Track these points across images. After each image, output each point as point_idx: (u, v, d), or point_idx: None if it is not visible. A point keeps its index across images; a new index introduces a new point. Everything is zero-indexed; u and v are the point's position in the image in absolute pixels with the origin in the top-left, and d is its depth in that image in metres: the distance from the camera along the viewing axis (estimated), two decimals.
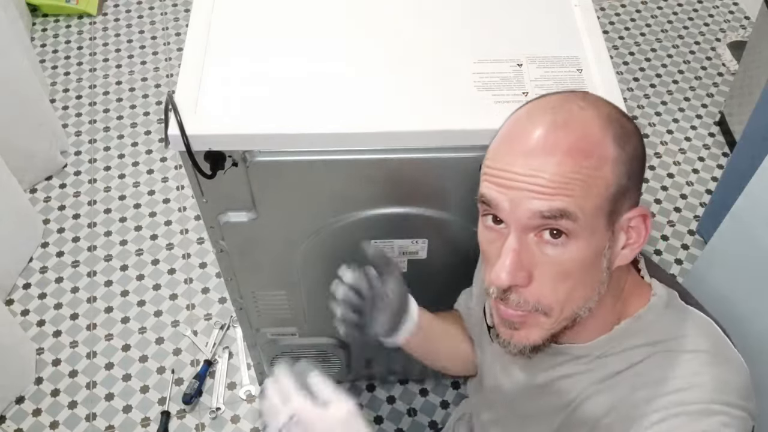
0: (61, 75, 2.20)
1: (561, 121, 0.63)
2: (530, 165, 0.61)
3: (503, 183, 0.63)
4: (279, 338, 1.31)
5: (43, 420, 1.51)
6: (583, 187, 0.60)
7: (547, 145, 0.61)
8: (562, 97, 0.66)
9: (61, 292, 1.71)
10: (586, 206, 0.61)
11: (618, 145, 0.62)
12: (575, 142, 0.61)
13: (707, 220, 1.78)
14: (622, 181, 0.63)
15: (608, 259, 0.65)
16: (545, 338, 0.68)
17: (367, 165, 0.91)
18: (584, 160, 0.61)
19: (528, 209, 0.61)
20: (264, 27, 0.99)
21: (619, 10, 2.42)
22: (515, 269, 0.63)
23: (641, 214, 0.65)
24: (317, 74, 0.93)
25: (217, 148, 0.88)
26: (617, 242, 0.65)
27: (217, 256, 1.09)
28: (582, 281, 0.64)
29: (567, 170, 0.60)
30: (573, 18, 1.01)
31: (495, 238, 0.65)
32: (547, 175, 0.60)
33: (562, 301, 0.64)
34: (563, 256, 0.62)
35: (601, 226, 0.63)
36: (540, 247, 0.63)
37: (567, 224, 0.61)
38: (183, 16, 2.38)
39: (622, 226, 0.65)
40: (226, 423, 1.51)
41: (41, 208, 1.87)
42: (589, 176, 0.61)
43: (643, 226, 0.66)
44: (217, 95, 0.90)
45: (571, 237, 0.62)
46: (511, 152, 0.63)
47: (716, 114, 2.09)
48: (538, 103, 0.67)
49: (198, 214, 1.85)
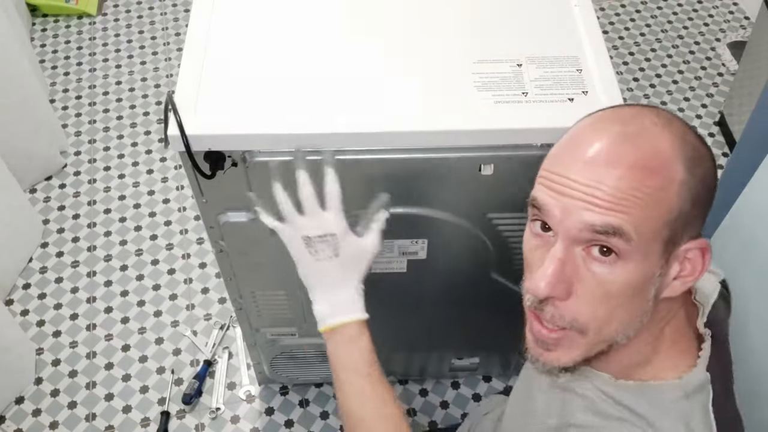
0: (60, 75, 2.20)
1: (630, 133, 0.59)
2: (590, 174, 0.57)
3: (558, 188, 0.59)
4: (279, 338, 1.31)
5: (43, 420, 1.51)
6: (642, 207, 0.56)
7: (611, 157, 0.57)
8: (635, 110, 0.62)
9: (61, 293, 1.71)
10: (643, 228, 0.57)
11: (687, 168, 0.58)
12: (642, 157, 0.57)
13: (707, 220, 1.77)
14: (686, 207, 0.58)
15: (657, 288, 0.61)
16: (577, 361, 0.63)
17: (367, 165, 0.91)
18: (649, 178, 0.57)
19: (579, 220, 0.57)
20: (264, 27, 0.99)
21: (619, 10, 2.42)
22: (556, 280, 0.59)
23: (700, 247, 0.61)
24: (317, 74, 0.93)
25: (217, 148, 0.88)
26: (669, 272, 0.61)
27: (217, 256, 1.09)
28: (624, 306, 0.60)
29: (628, 186, 0.56)
30: (573, 18, 1.01)
31: (540, 245, 0.62)
32: (606, 187, 0.57)
33: (600, 321, 0.60)
34: (609, 277, 0.58)
35: (655, 252, 0.58)
36: (586, 262, 0.59)
37: (619, 243, 0.57)
38: (183, 16, 2.38)
39: (677, 255, 0.60)
40: (225, 423, 1.51)
41: (41, 208, 1.87)
42: (652, 196, 0.57)
43: (700, 260, 0.61)
44: (217, 95, 0.90)
45: (621, 257, 0.58)
46: (571, 158, 0.60)
47: (716, 114, 2.09)
48: (609, 112, 0.63)
49: (198, 214, 1.85)
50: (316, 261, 0.78)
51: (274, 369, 1.43)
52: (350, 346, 0.79)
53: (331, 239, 0.76)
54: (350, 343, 0.79)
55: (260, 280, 1.14)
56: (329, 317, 0.79)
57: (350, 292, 0.79)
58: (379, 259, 1.09)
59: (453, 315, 1.26)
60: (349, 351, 0.79)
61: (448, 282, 1.16)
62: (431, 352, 1.45)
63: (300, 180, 0.77)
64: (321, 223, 0.76)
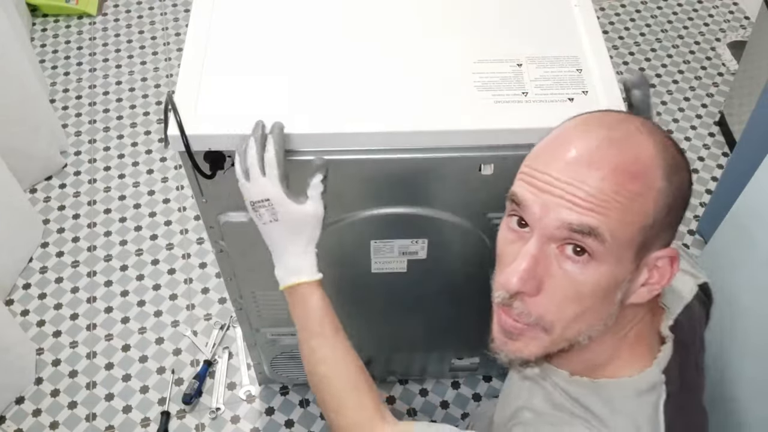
0: (60, 75, 2.20)
1: (615, 138, 0.60)
2: (572, 173, 0.58)
3: (538, 185, 0.60)
4: (279, 338, 1.31)
5: (43, 420, 1.51)
6: (620, 211, 0.57)
7: (594, 158, 0.58)
8: (620, 116, 0.63)
9: (61, 293, 1.71)
10: (618, 232, 0.58)
11: (666, 175, 0.59)
12: (625, 162, 0.58)
13: (707, 220, 1.78)
14: (661, 215, 0.59)
15: (624, 293, 0.62)
16: (539, 355, 0.64)
17: (367, 165, 0.91)
18: (629, 182, 0.58)
19: (558, 218, 0.58)
20: (264, 27, 0.99)
21: (619, 10, 2.42)
22: (528, 276, 0.60)
23: (670, 255, 0.62)
24: (317, 74, 0.93)
25: (217, 148, 0.88)
26: (638, 278, 0.62)
27: (217, 256, 1.09)
28: (591, 307, 0.61)
29: (609, 188, 0.57)
30: (573, 18, 1.01)
31: (515, 240, 0.63)
32: (587, 187, 0.57)
33: (565, 320, 0.61)
34: (580, 277, 0.59)
35: (627, 257, 0.59)
36: (559, 260, 0.60)
37: (593, 244, 0.58)
38: (183, 16, 2.38)
39: (648, 262, 0.61)
40: (225, 423, 1.51)
41: (41, 208, 1.87)
42: (631, 201, 0.58)
43: (669, 269, 0.62)
44: (217, 95, 0.90)
45: (594, 259, 0.59)
46: (554, 156, 0.60)
47: (716, 114, 2.09)
48: (594, 116, 0.64)
49: (198, 214, 1.85)
50: (262, 224, 0.81)
51: (275, 369, 1.43)
52: (301, 306, 0.82)
53: (267, 204, 0.79)
54: (301, 304, 0.82)
55: (260, 279, 1.14)
56: (283, 279, 0.83)
57: (298, 255, 0.82)
58: (379, 259, 1.09)
59: (453, 315, 1.26)
60: (301, 311, 0.82)
61: (448, 282, 1.16)
62: (431, 352, 1.45)
63: (248, 146, 0.80)
64: (259, 189, 0.79)
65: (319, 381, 0.82)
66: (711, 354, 1.16)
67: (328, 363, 0.81)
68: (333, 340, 0.82)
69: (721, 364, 1.14)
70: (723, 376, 1.13)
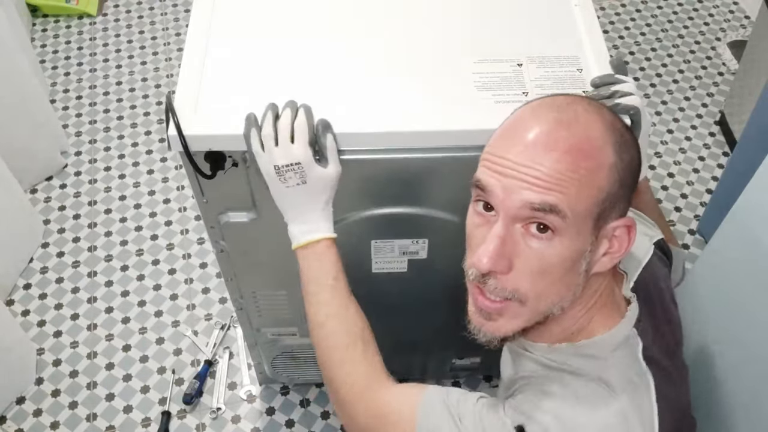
0: (61, 75, 2.20)
1: (566, 120, 0.64)
2: (529, 156, 0.63)
3: (499, 170, 0.65)
4: (279, 338, 1.31)
5: (44, 420, 1.51)
6: (577, 187, 0.62)
7: (549, 141, 0.63)
8: (569, 98, 0.68)
9: (62, 293, 1.71)
10: (577, 207, 0.62)
11: (616, 152, 0.64)
12: (577, 142, 0.63)
13: (707, 220, 1.78)
14: (614, 188, 0.64)
15: (588, 263, 0.66)
16: (516, 330, 0.69)
17: (367, 165, 0.91)
18: (583, 161, 0.62)
19: (519, 199, 0.63)
20: (264, 27, 0.99)
21: (619, 10, 2.42)
22: (497, 255, 0.64)
23: (626, 224, 0.67)
24: (317, 74, 0.93)
25: (218, 149, 0.88)
26: (599, 248, 0.67)
27: (218, 256, 1.09)
28: (560, 279, 0.66)
29: (564, 168, 0.62)
30: (573, 18, 1.01)
31: (482, 223, 0.67)
32: (544, 168, 0.62)
33: (538, 292, 0.66)
34: (546, 251, 0.64)
35: (586, 229, 0.64)
36: (525, 239, 0.64)
37: (555, 220, 0.62)
38: (183, 17, 2.38)
39: (606, 233, 0.66)
40: (226, 423, 1.51)
41: (41, 208, 1.87)
42: (585, 178, 0.62)
43: (626, 237, 0.67)
44: (218, 95, 0.90)
45: (556, 234, 0.63)
46: (512, 142, 0.65)
47: (716, 113, 2.09)
48: (545, 101, 0.68)
49: (198, 214, 1.85)
50: (286, 188, 0.83)
51: (275, 369, 1.43)
52: (318, 260, 0.84)
53: (297, 168, 0.81)
54: (318, 258, 0.84)
55: (261, 279, 1.14)
56: (300, 236, 0.85)
57: (318, 213, 0.84)
58: (379, 259, 1.10)
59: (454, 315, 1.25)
60: (317, 265, 0.85)
61: (449, 282, 1.16)
62: (432, 352, 1.45)
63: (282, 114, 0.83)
64: (289, 153, 0.81)
65: (326, 336, 0.83)
66: (711, 354, 1.16)
67: (339, 317, 0.83)
68: (346, 294, 0.84)
69: (722, 364, 1.14)
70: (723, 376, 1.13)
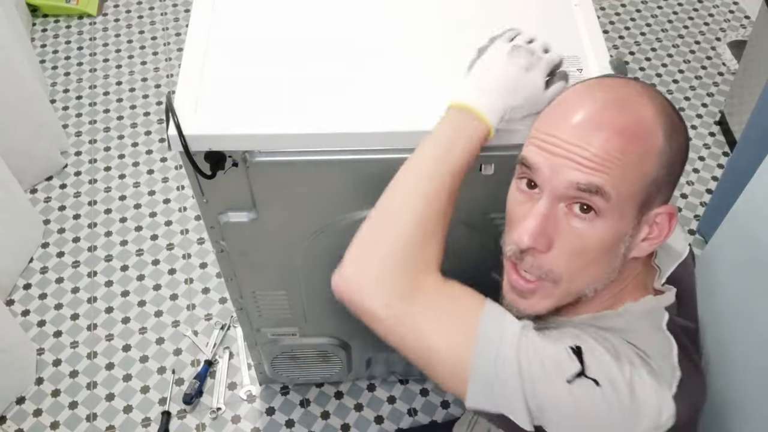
0: (61, 75, 2.20)
1: (618, 100, 0.63)
2: (578, 135, 0.62)
3: (548, 148, 0.64)
4: (279, 338, 1.31)
5: (44, 420, 1.51)
6: (624, 170, 0.61)
7: (600, 120, 0.62)
8: (622, 80, 0.67)
9: (62, 293, 1.71)
10: (622, 189, 0.62)
11: (666, 138, 0.63)
12: (627, 124, 0.62)
13: (707, 220, 1.78)
14: (661, 174, 0.63)
15: (627, 247, 0.66)
16: (549, 309, 0.69)
17: (367, 165, 0.91)
18: (632, 143, 0.61)
19: (566, 179, 0.62)
20: (264, 27, 0.99)
21: (619, 10, 2.42)
22: (539, 233, 0.64)
23: (669, 212, 0.66)
24: (317, 74, 0.93)
25: (217, 149, 0.88)
26: (639, 233, 0.66)
27: (218, 256, 1.09)
28: (597, 261, 0.65)
29: (613, 149, 0.61)
30: (573, 18, 1.01)
31: (525, 200, 0.66)
32: (593, 148, 0.61)
33: (573, 273, 0.65)
34: (587, 232, 0.63)
35: (629, 213, 0.64)
36: (567, 218, 0.64)
37: (599, 202, 0.62)
38: (183, 17, 2.38)
39: (648, 219, 0.66)
40: (226, 423, 1.51)
41: (41, 208, 1.87)
42: (633, 161, 0.61)
43: (667, 225, 0.66)
44: (217, 95, 0.90)
45: (599, 215, 0.63)
46: (562, 120, 0.64)
47: (716, 113, 2.09)
48: (597, 81, 0.67)
49: (198, 214, 1.85)
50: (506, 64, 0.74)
51: (275, 369, 1.43)
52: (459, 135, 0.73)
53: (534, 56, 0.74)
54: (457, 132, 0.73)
55: (261, 280, 1.14)
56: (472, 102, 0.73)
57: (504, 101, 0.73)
58: None
59: None
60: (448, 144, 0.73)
61: None
62: None
63: None
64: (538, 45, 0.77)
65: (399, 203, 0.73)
66: (710, 354, 1.16)
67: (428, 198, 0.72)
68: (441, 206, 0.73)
69: (721, 364, 1.14)
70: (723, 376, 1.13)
